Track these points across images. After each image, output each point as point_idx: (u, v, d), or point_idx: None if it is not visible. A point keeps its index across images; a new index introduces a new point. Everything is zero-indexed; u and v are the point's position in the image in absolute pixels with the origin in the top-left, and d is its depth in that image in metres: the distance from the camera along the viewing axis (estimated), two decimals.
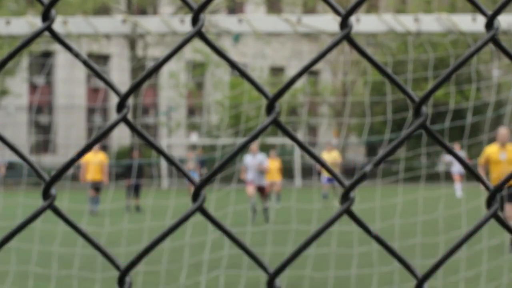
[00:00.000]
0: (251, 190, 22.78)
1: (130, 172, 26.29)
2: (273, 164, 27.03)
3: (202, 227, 12.69)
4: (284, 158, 42.88)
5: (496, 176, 13.33)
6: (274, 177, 26.95)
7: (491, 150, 13.63)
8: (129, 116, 1.24)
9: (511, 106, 20.67)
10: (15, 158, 42.17)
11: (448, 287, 10.13)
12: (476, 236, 11.49)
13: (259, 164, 22.98)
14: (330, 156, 27.64)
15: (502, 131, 13.86)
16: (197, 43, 40.27)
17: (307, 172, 42.32)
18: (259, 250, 12.04)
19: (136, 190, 26.09)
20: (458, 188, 32.56)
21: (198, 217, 1.49)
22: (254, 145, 23.08)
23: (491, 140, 14.96)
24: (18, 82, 50.34)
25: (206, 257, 12.17)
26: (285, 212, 23.25)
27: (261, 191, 23.27)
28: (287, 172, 42.04)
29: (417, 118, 1.32)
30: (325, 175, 27.57)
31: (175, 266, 11.49)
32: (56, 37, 1.26)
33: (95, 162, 24.39)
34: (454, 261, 11.84)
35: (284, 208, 23.91)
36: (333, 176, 1.34)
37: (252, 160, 23.04)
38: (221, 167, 1.28)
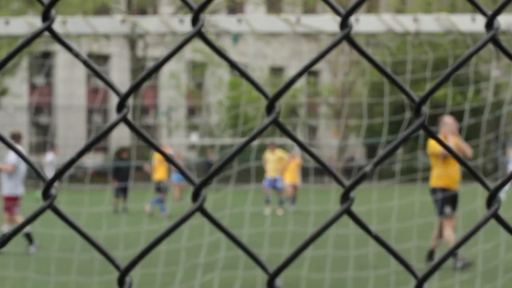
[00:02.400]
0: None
1: (118, 173, 26.03)
2: (294, 163, 26.04)
3: (199, 230, 12.71)
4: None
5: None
6: (294, 179, 25.97)
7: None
8: (129, 116, 1.24)
9: (509, 107, 20.67)
10: None
11: None
12: (472, 238, 11.50)
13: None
14: (274, 156, 25.62)
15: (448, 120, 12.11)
16: (197, 43, 40.29)
17: (306, 173, 42.30)
18: (256, 251, 12.02)
19: (124, 191, 25.75)
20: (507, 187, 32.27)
21: (194, 220, 1.48)
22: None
23: (489, 140, 14.86)
24: (18, 82, 50.34)
25: (202, 259, 12.18)
26: (283, 213, 23.27)
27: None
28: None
29: (417, 118, 1.32)
30: (267, 177, 25.45)
31: (171, 268, 11.49)
32: (56, 37, 1.26)
33: (163, 162, 24.03)
34: (450, 263, 11.85)
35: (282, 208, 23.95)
36: (333, 176, 1.34)
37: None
38: (221, 167, 1.28)
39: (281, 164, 25.25)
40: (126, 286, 1.27)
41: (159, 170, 23.92)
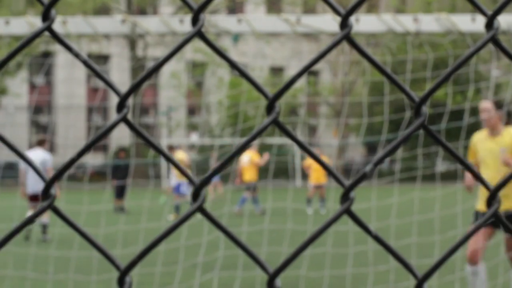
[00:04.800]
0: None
1: (117, 173, 26.01)
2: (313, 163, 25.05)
3: (197, 229, 12.73)
4: (284, 159, 42.90)
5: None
6: (321, 179, 25.00)
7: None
8: (129, 116, 1.25)
9: (509, 106, 20.65)
10: (14, 158, 42.17)
11: (444, 287, 10.13)
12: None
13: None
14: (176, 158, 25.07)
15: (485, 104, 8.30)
16: (198, 42, 40.28)
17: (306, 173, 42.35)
18: (255, 250, 12.05)
19: (121, 190, 25.71)
20: None
21: (193, 219, 1.49)
22: None
23: None
24: (18, 82, 50.36)
25: (201, 258, 12.18)
26: (282, 212, 23.27)
27: None
28: (287, 172, 42.07)
29: (417, 118, 1.32)
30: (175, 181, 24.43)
31: (170, 268, 11.50)
32: (56, 37, 1.26)
33: (247, 163, 24.05)
34: (450, 261, 11.85)
35: (280, 208, 23.92)
36: (333, 176, 1.34)
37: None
38: (221, 167, 1.28)
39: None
40: (126, 286, 1.27)
41: (249, 171, 24.04)
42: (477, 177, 1.39)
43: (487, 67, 43.62)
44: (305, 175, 32.15)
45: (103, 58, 56.73)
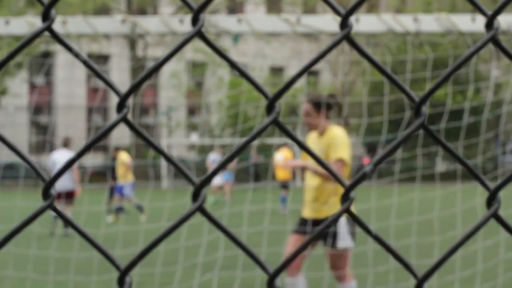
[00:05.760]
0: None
1: (113, 173, 25.87)
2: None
3: (197, 229, 12.71)
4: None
5: None
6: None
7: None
8: (129, 116, 1.25)
9: (509, 106, 20.67)
10: (14, 159, 42.16)
11: (443, 287, 10.13)
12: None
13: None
14: (119, 161, 23.08)
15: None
16: (198, 42, 40.26)
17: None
18: (255, 251, 12.04)
19: (112, 191, 25.55)
20: None
21: (193, 219, 1.48)
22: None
23: (489, 140, 14.78)
24: (18, 82, 50.35)
25: (201, 259, 12.17)
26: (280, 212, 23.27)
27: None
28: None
29: (417, 118, 1.32)
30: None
31: (170, 268, 11.50)
32: (56, 37, 1.26)
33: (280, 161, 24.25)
34: (450, 261, 11.84)
35: (279, 208, 23.93)
36: (333, 176, 1.34)
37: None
38: (221, 167, 1.28)
39: (123, 168, 22.71)
40: (126, 286, 1.27)
41: (283, 169, 24.22)
42: (477, 177, 1.39)
43: (487, 67, 43.62)
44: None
45: (103, 58, 56.71)
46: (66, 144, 17.88)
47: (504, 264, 11.66)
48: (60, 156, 17.44)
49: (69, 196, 17.56)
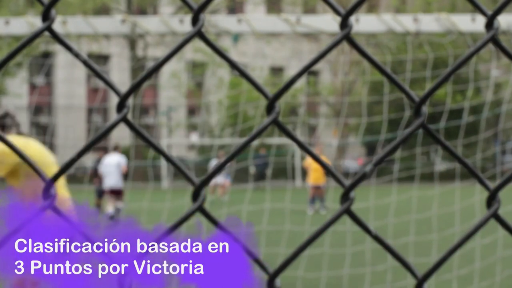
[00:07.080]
0: None
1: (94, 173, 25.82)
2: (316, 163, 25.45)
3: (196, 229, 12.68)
4: (283, 159, 42.90)
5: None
6: (319, 180, 24.71)
7: None
8: (129, 116, 1.25)
9: (508, 105, 20.69)
10: None
11: (441, 285, 10.14)
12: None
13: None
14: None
15: None
16: (198, 42, 40.27)
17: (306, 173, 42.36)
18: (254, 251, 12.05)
19: (100, 192, 25.47)
20: None
21: (192, 219, 1.48)
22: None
23: (488, 139, 14.81)
24: (18, 82, 50.35)
25: None
26: (280, 213, 23.27)
27: None
28: (287, 172, 42.08)
29: (417, 118, 1.32)
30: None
31: None
32: (56, 37, 1.26)
33: (312, 163, 24.43)
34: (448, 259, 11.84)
35: (278, 208, 23.92)
36: (333, 176, 1.34)
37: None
38: (220, 167, 1.28)
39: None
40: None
41: (316, 171, 24.37)
42: (476, 177, 1.39)
43: (487, 67, 43.62)
44: (305, 175, 32.18)
45: (103, 58, 56.71)
46: (116, 149, 20.38)
47: (502, 262, 11.66)
48: (112, 159, 19.97)
49: (116, 193, 20.20)
